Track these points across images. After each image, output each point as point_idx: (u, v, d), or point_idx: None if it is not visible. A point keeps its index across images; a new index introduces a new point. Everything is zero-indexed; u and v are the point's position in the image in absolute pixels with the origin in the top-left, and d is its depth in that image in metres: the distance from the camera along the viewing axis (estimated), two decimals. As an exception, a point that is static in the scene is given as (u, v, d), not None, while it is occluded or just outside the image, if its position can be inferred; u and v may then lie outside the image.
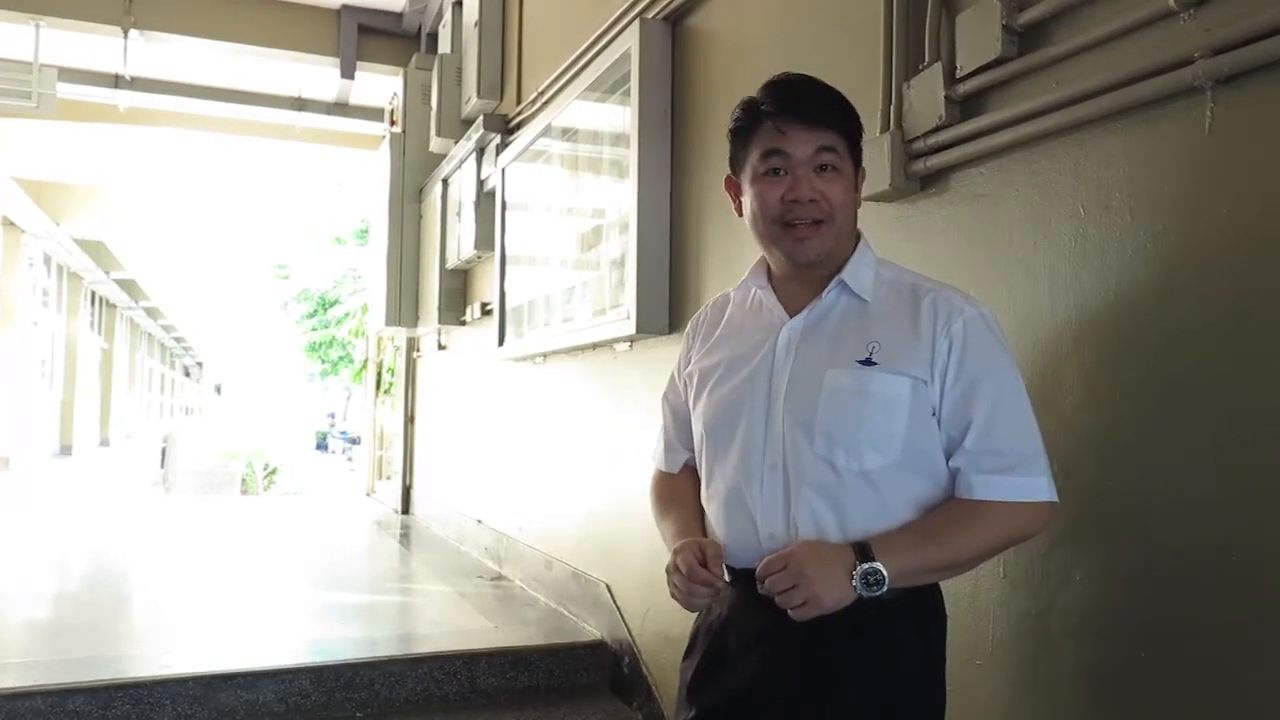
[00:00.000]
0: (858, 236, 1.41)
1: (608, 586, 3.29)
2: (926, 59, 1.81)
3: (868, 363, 1.30)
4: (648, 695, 2.91)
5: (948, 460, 1.30)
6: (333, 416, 32.72)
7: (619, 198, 3.15)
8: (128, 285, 17.84)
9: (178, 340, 30.51)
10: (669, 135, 2.97)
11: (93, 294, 18.01)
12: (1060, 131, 1.57)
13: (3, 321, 11.91)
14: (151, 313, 22.75)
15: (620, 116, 3.17)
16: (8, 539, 5.89)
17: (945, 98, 1.74)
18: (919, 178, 1.84)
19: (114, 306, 20.40)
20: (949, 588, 1.42)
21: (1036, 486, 1.27)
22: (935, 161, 1.79)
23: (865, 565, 1.22)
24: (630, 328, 2.93)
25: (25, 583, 4.52)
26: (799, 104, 1.34)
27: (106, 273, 15.95)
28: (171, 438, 12.28)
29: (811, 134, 1.32)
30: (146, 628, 3.73)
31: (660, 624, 2.93)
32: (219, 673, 2.85)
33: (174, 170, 10.75)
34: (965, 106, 1.75)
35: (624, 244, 3.06)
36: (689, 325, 1.59)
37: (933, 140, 1.78)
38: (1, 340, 11.83)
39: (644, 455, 3.06)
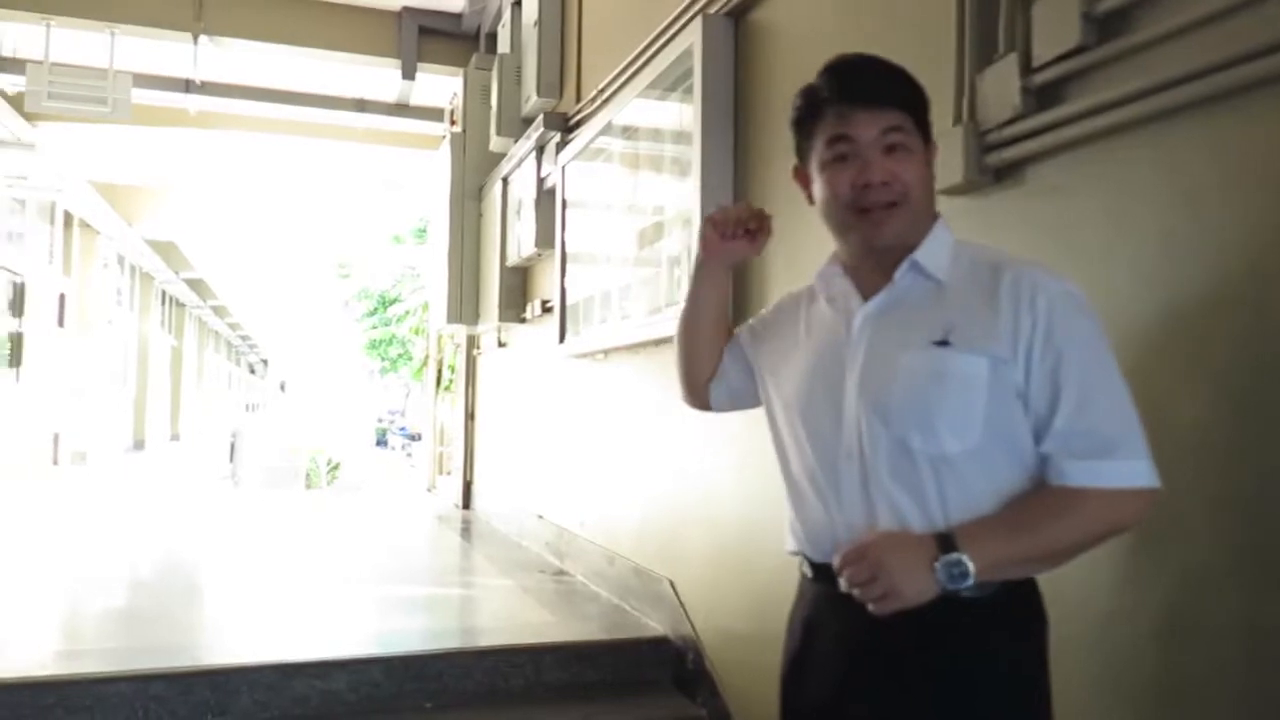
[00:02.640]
0: (935, 216, 1.36)
1: (670, 582, 3.30)
2: (1000, 49, 1.78)
3: (943, 343, 1.24)
4: (712, 691, 2.91)
5: (1037, 444, 1.23)
6: (392, 413, 33.28)
7: (681, 194, 3.15)
8: (196, 285, 18.35)
9: (243, 338, 31.29)
10: (732, 131, 2.96)
11: (163, 293, 18.56)
12: (1142, 121, 1.53)
13: (80, 321, 12.33)
14: (219, 311, 23.37)
15: (682, 113, 3.17)
16: (86, 530, 6.10)
17: (1020, 88, 1.70)
18: (992, 170, 1.81)
19: (183, 306, 21.01)
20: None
21: (1136, 471, 1.18)
22: (1010, 154, 1.76)
23: (948, 556, 1.16)
24: (693, 324, 2.92)
25: (104, 572, 4.67)
26: (859, 86, 1.31)
27: (176, 273, 16.43)
28: (239, 433, 12.60)
29: (876, 115, 1.29)
30: (221, 617, 3.84)
31: (724, 620, 2.93)
32: (293, 662, 2.92)
33: (240, 172, 11.02)
34: (1041, 97, 1.71)
35: (686, 240, 3.06)
36: (774, 305, 1.60)
37: (1007, 132, 1.75)
38: (79, 339, 12.25)
39: (705, 452, 3.07)
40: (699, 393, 1.67)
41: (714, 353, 1.63)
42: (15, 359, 10.07)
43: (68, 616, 3.76)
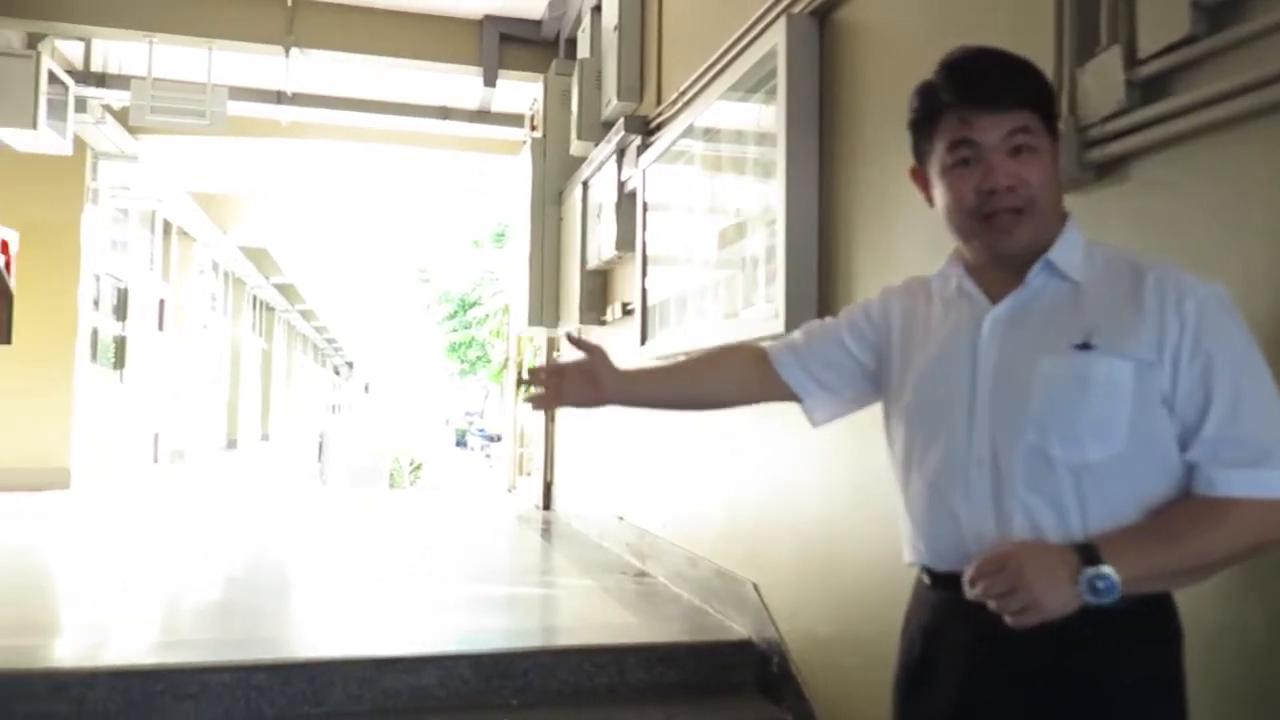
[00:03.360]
0: (1064, 215, 1.30)
1: (754, 585, 3.29)
2: (1103, 41, 1.73)
3: (1085, 347, 1.19)
4: (798, 696, 2.89)
5: (1183, 452, 1.18)
6: (471, 415, 33.85)
7: (765, 196, 3.14)
8: (286, 290, 18.95)
9: (329, 341, 32.16)
10: (817, 132, 2.94)
11: (254, 298, 19.20)
12: (1256, 115, 1.47)
13: (178, 325, 12.85)
14: (306, 315, 24.08)
15: (765, 114, 3.16)
16: (187, 526, 6.36)
17: (1125, 81, 1.65)
18: (1094, 166, 1.76)
19: (273, 310, 21.70)
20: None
21: None
22: (1113, 149, 1.71)
23: (1092, 569, 1.11)
24: (778, 325, 2.91)
25: (205, 566, 4.87)
26: (982, 87, 1.25)
27: (267, 278, 17.00)
28: (326, 434, 12.97)
29: (1000, 117, 1.23)
30: (315, 611, 3.96)
31: (810, 624, 2.91)
32: (385, 656, 2.99)
33: (328, 179, 11.36)
34: (1147, 90, 1.65)
35: (770, 242, 3.05)
36: (881, 291, 1.50)
37: (1110, 127, 1.70)
38: (177, 342, 12.77)
39: (788, 454, 3.05)
40: (770, 395, 1.54)
41: (732, 383, 1.54)
42: (119, 361, 10.55)
43: (173, 608, 3.92)
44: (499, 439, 21.36)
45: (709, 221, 3.76)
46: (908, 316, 1.42)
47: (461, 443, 30.41)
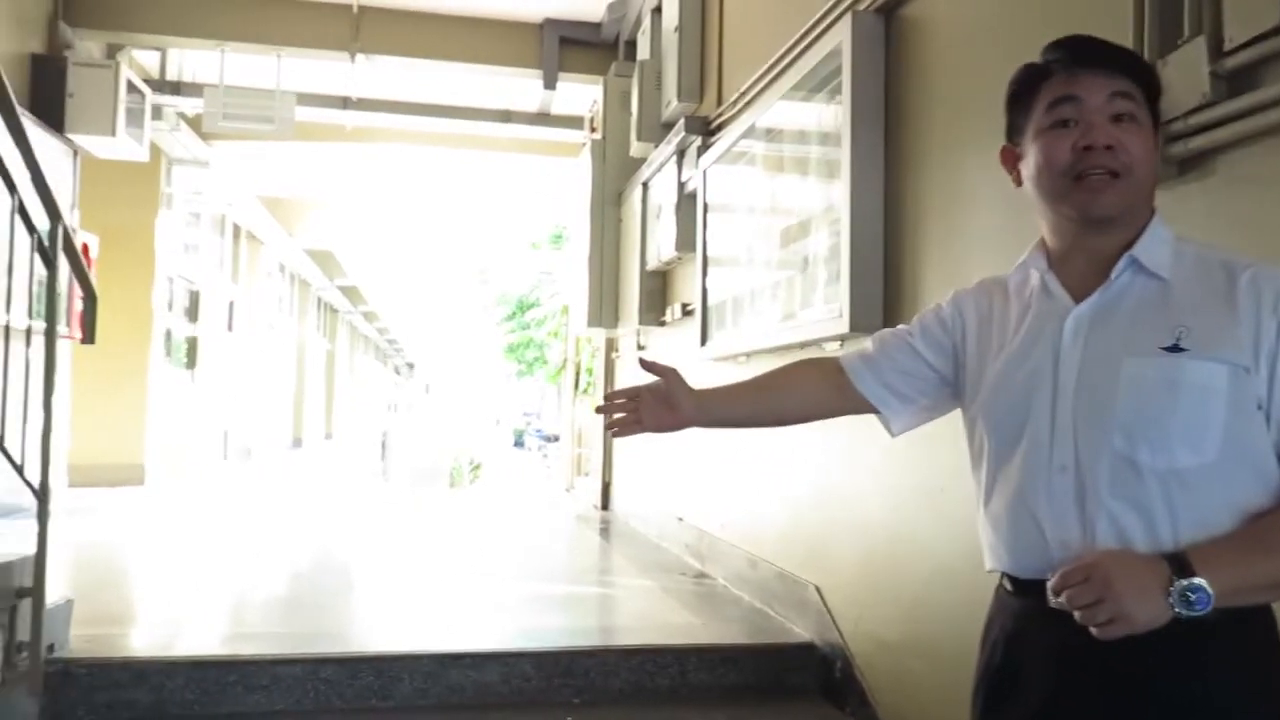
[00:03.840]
0: (1153, 211, 1.25)
1: (817, 588, 3.26)
2: (1186, 32, 1.68)
3: (1175, 349, 1.15)
4: (861, 701, 2.86)
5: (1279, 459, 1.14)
6: (528, 415, 34.11)
7: (828, 196, 3.11)
8: (349, 291, 19.32)
9: (390, 342, 32.71)
10: (883, 132, 2.91)
11: (319, 300, 19.62)
12: (1352, 105, 1.42)
13: (247, 326, 13.18)
14: (368, 316, 24.53)
15: (829, 114, 3.13)
16: (256, 522, 6.52)
17: (1210, 73, 1.60)
18: (1177, 161, 1.71)
19: (336, 311, 22.15)
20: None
21: None
22: (1197, 143, 1.66)
23: (1185, 581, 1.06)
24: (843, 326, 2.88)
25: (274, 562, 4.99)
26: (1090, 49, 1.23)
27: (331, 280, 17.35)
28: (389, 433, 13.19)
29: (1106, 79, 1.20)
30: (380, 607, 4.02)
31: (874, 628, 2.87)
32: (449, 652, 3.03)
33: (391, 183, 11.55)
34: (1233, 82, 1.60)
35: (835, 243, 3.02)
36: (953, 294, 1.44)
37: (1194, 120, 1.65)
38: (245, 343, 13.10)
39: (851, 457, 3.02)
40: (847, 408, 1.50)
41: (809, 398, 1.51)
42: (191, 361, 10.86)
43: (244, 602, 4.02)
44: (556, 439, 21.50)
45: (770, 222, 3.74)
46: (983, 317, 1.37)
47: (519, 443, 30.64)
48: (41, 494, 2.71)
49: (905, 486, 2.69)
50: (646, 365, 1.46)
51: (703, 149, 4.65)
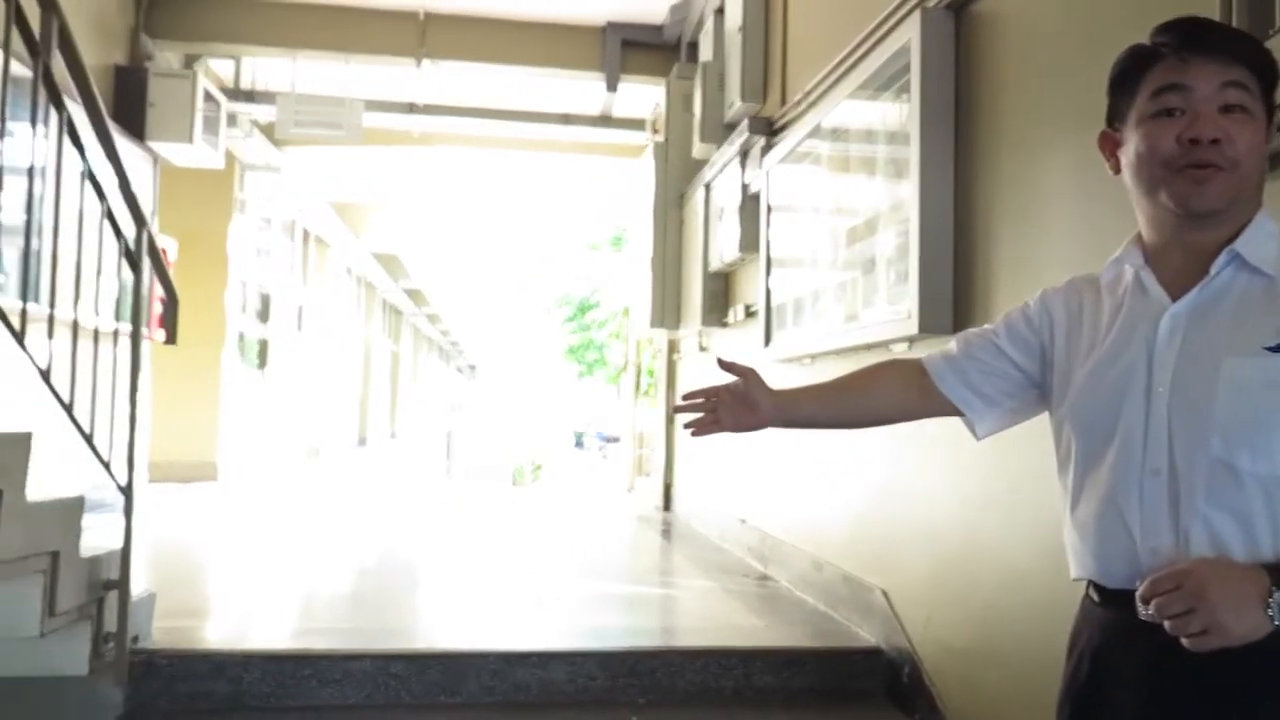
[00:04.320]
0: (1259, 205, 1.19)
1: (883, 592, 3.22)
2: (1278, 23, 1.62)
3: (1278, 349, 1.10)
4: (931, 707, 2.81)
5: None
6: (589, 416, 34.28)
7: (896, 195, 3.08)
8: (413, 294, 19.65)
9: (453, 344, 33.15)
10: (953, 130, 2.86)
11: (384, 302, 19.98)
12: None
13: (316, 328, 13.49)
14: (432, 318, 24.90)
15: (897, 113, 3.10)
16: (326, 520, 6.67)
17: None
18: (1271, 155, 1.65)
19: (400, 313, 22.53)
20: None
21: None
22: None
23: None
24: (911, 327, 2.85)
25: (343, 559, 5.10)
26: (1202, 34, 1.16)
27: (396, 282, 17.66)
28: (453, 433, 13.39)
29: (1218, 67, 1.13)
30: (447, 604, 4.09)
31: (943, 633, 2.83)
32: (515, 651, 3.07)
33: (453, 186, 11.73)
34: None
35: (903, 243, 2.99)
36: (1041, 293, 1.38)
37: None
38: (313, 344, 13.41)
39: (920, 459, 2.97)
40: (929, 410, 1.46)
41: (891, 400, 1.47)
42: (262, 362, 11.16)
43: (316, 597, 4.12)
44: (616, 440, 21.57)
45: (835, 222, 3.71)
46: (1072, 316, 1.32)
47: (579, 443, 30.83)
48: (127, 490, 2.82)
49: (976, 488, 2.65)
50: (725, 365, 1.45)
51: (766, 149, 4.63)
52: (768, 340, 4.45)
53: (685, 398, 1.47)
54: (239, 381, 9.64)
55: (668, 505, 7.31)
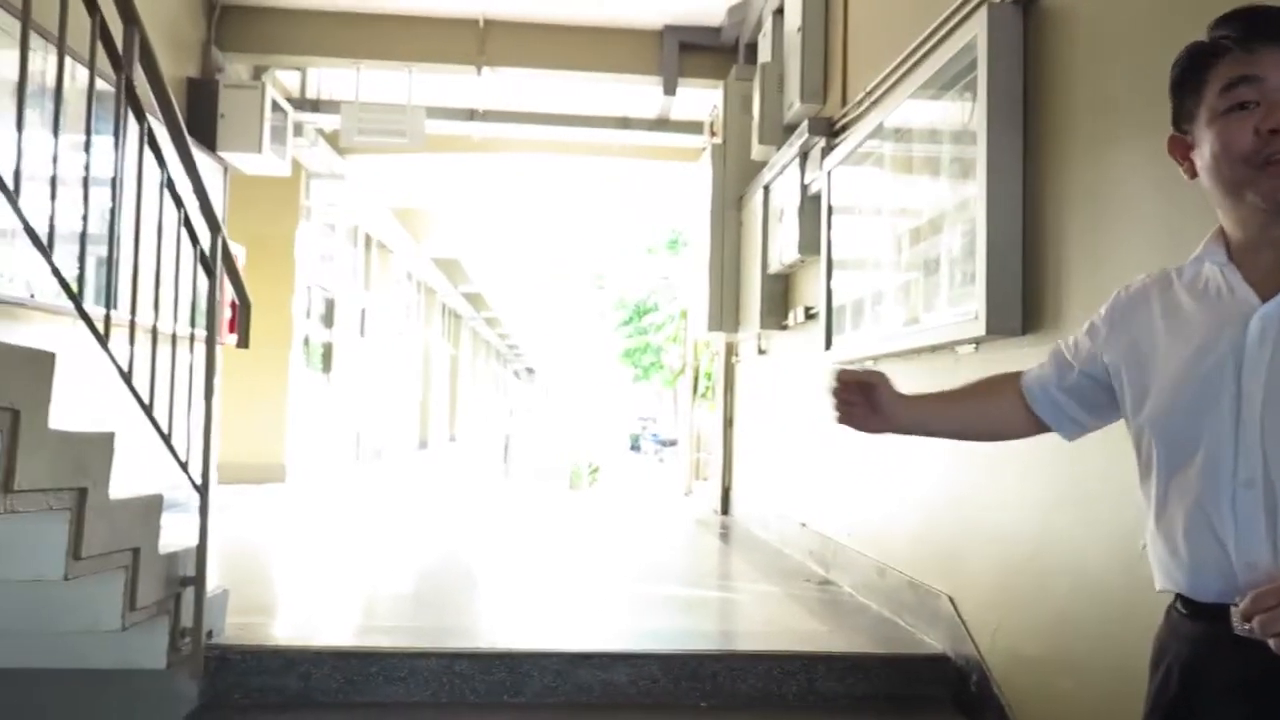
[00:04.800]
0: None
1: (950, 598, 3.17)
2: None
3: None
4: (1000, 716, 2.76)
5: None
6: (644, 419, 34.34)
7: (962, 196, 3.03)
8: (473, 298, 19.90)
9: (511, 347, 33.50)
10: (1021, 128, 2.80)
11: (444, 306, 20.26)
12: None
13: (378, 332, 13.74)
14: (490, 322, 25.19)
15: (963, 111, 3.05)
16: (386, 520, 6.78)
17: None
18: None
19: (460, 317, 22.83)
20: None
21: None
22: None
23: None
24: (978, 329, 2.80)
25: (405, 558, 5.17)
26: (1269, 22, 1.11)
27: (455, 287, 17.90)
28: (510, 435, 13.52)
29: None
30: (510, 604, 4.12)
31: (1013, 642, 2.77)
32: (578, 651, 3.08)
33: (511, 190, 11.85)
34: None
35: (969, 243, 2.94)
36: (1110, 300, 1.34)
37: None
38: (375, 348, 13.65)
39: (988, 464, 2.91)
40: (1034, 429, 1.46)
41: (1004, 416, 1.46)
42: (327, 366, 11.39)
43: (381, 596, 4.19)
44: (672, 444, 21.56)
45: (898, 223, 3.67)
46: (1141, 321, 1.27)
47: (635, 447, 30.91)
48: (203, 489, 2.90)
49: (1049, 493, 2.59)
50: (847, 375, 1.44)
51: (827, 150, 4.60)
52: (829, 343, 4.41)
53: (840, 382, 1.45)
54: (305, 385, 9.86)
55: (726, 509, 7.29)
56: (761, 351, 6.32)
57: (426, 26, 7.24)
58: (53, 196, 2.34)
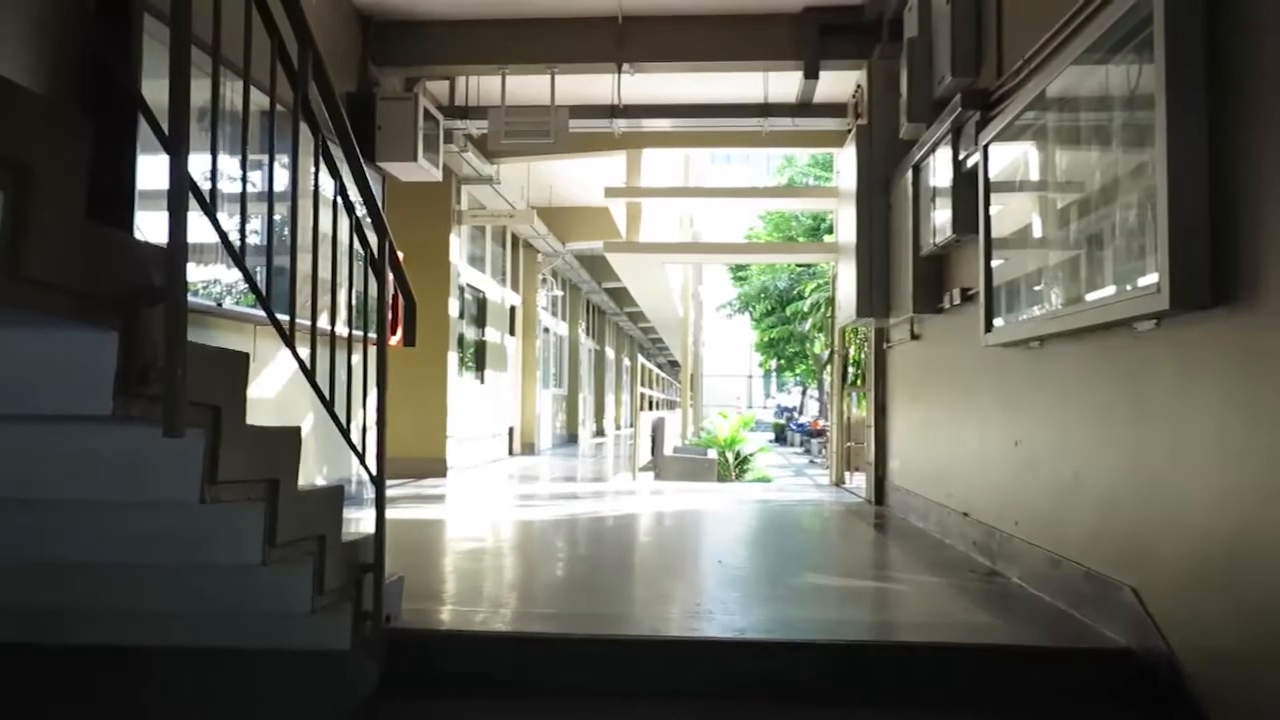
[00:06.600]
0: None
1: (1133, 590, 2.99)
2: None
3: None
4: (1195, 714, 2.58)
5: None
6: (787, 409, 33.96)
7: (1138, 164, 2.84)
8: (615, 294, 20.15)
9: (654, 341, 33.75)
10: (1203, 90, 2.60)
11: (588, 303, 20.62)
12: None
13: (525, 329, 14.12)
14: (634, 317, 25.46)
15: (1136, 74, 2.86)
16: (543, 511, 6.96)
17: None
18: None
19: (604, 313, 23.18)
20: None
21: None
22: None
23: None
24: (1160, 302, 2.62)
25: (565, 548, 5.30)
26: None
27: (599, 283, 18.17)
28: (659, 427, 13.64)
29: None
30: (669, 593, 4.16)
31: (1211, 638, 2.59)
32: (742, 639, 3.09)
33: (653, 183, 11.93)
34: None
35: (1145, 213, 2.75)
36: None
37: None
38: (525, 346, 14.04)
39: (1174, 445, 2.73)
40: None
41: None
42: (479, 364, 11.81)
43: (540, 583, 4.30)
44: (819, 434, 21.22)
45: (1063, 196, 3.48)
46: None
47: (779, 438, 30.64)
48: (379, 480, 3.06)
49: (1245, 479, 2.41)
50: None
51: (981, 124, 4.40)
52: (988, 325, 4.23)
53: None
54: (460, 383, 10.25)
55: (880, 499, 7.12)
56: (915, 336, 6.14)
57: (566, 26, 7.36)
58: (242, 212, 2.52)
